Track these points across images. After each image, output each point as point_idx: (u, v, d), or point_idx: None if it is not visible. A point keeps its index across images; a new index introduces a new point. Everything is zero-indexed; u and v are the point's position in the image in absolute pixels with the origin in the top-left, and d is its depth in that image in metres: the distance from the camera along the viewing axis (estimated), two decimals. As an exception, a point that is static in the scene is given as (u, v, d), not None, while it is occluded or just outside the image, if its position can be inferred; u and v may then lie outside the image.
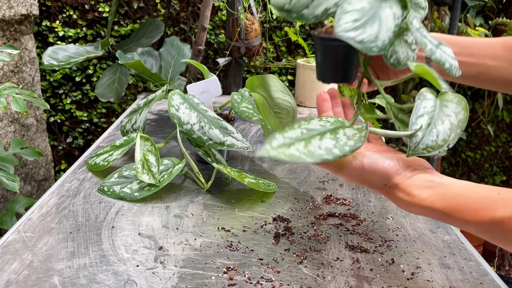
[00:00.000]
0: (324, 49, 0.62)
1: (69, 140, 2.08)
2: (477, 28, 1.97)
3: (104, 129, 2.07)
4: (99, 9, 1.94)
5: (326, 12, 0.63)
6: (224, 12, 2.00)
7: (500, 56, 0.66)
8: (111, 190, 0.78)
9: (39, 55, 1.87)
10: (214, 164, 0.80)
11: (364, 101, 1.11)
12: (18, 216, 1.36)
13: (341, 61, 0.59)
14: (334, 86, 0.89)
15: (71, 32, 1.94)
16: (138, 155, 0.80)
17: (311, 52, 1.77)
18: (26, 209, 1.36)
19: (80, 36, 1.96)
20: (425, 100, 0.57)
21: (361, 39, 0.56)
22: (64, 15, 1.94)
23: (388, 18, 0.60)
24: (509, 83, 0.67)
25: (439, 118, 0.56)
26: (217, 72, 1.59)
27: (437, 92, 0.60)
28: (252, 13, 1.49)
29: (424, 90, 0.59)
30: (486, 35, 1.95)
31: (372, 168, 0.54)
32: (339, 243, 0.67)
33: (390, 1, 0.62)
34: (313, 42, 0.59)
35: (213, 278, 0.57)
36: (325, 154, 0.51)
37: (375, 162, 0.54)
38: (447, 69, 0.61)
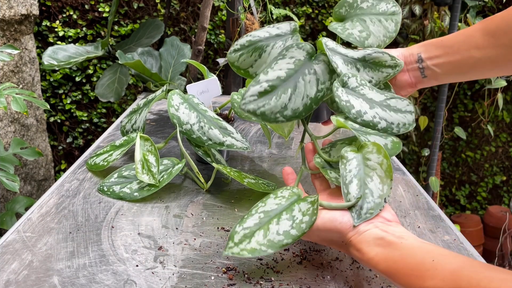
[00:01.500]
0: None
1: (69, 140, 2.08)
2: (477, 28, 1.97)
3: (104, 129, 2.07)
4: (99, 9, 1.94)
5: None
6: (224, 12, 2.00)
7: (483, 45, 0.63)
8: (111, 190, 0.78)
9: (39, 55, 1.87)
10: (214, 164, 0.80)
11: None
12: (18, 216, 1.37)
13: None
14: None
15: (71, 32, 1.94)
16: (138, 155, 0.80)
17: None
18: (26, 209, 1.36)
19: (80, 36, 1.96)
20: (347, 163, 0.58)
21: (261, 112, 0.59)
22: (64, 15, 1.94)
23: (307, 85, 0.62)
24: (505, 64, 0.63)
25: (367, 176, 0.56)
26: (217, 72, 1.59)
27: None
28: (252, 13, 1.49)
29: (344, 151, 0.59)
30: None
31: (326, 227, 0.55)
32: (339, 243, 0.67)
33: (317, 66, 0.63)
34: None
35: (213, 278, 0.57)
36: (284, 239, 0.53)
37: (328, 221, 0.55)
38: (382, 129, 0.62)
